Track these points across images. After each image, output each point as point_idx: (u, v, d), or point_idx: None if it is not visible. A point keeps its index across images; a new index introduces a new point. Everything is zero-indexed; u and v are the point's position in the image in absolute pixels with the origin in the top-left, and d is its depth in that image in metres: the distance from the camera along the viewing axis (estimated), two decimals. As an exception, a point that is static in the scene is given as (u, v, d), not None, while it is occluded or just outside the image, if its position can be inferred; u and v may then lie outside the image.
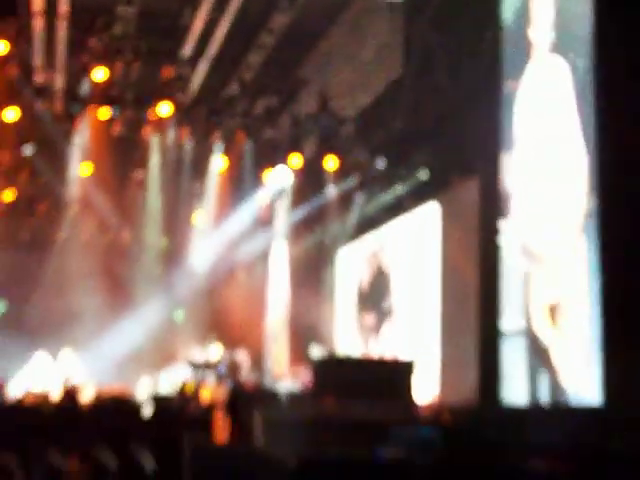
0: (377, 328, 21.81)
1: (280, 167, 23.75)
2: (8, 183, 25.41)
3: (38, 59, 20.89)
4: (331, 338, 23.16)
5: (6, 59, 19.24)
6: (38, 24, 19.59)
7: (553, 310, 13.34)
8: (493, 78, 15.64)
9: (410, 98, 20.00)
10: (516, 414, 14.46)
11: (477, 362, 16.72)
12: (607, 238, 12.33)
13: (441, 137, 18.98)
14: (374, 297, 22.08)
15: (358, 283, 23.28)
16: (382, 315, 21.53)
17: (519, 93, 14.59)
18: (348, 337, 23.02)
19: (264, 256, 26.86)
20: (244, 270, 27.26)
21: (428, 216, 19.72)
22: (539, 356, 13.66)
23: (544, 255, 13.62)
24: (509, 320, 14.64)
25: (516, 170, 14.64)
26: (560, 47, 13.56)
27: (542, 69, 14.00)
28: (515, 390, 14.42)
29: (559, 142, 13.39)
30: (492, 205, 15.63)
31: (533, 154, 14.17)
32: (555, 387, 13.23)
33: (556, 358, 13.19)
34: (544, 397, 13.54)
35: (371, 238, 22.75)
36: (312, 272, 24.75)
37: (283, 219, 25.22)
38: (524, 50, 14.64)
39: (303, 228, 25.04)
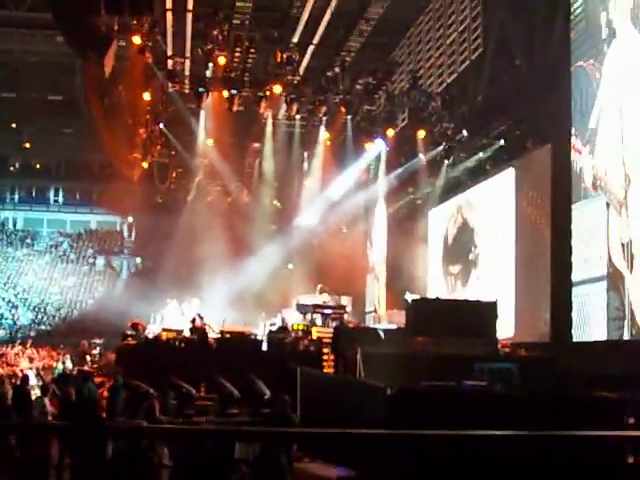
0: (463, 276, 21.79)
1: (377, 138, 23.82)
2: (144, 154, 25.88)
3: (169, 48, 21.25)
4: (423, 285, 23.16)
5: (141, 49, 19.56)
6: (169, 19, 19.93)
7: (626, 248, 13.23)
8: (564, 57, 15.47)
9: (489, 75, 19.90)
10: (586, 348, 14.40)
11: (550, 305, 16.67)
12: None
13: (517, 110, 18.86)
14: (460, 250, 22.03)
15: (445, 238, 23.24)
16: (468, 265, 21.49)
17: (604, 69, 14.28)
18: (438, 284, 23.00)
19: (365, 215, 26.95)
20: (347, 227, 27.39)
21: (506, 179, 19.61)
22: (616, 297, 13.53)
23: (620, 195, 13.47)
24: (582, 269, 14.57)
25: (591, 138, 14.46)
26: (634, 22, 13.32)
27: (621, 45, 13.75)
28: (589, 329, 14.36)
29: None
30: (563, 169, 15.54)
31: (608, 128, 13.98)
32: (631, 325, 13.14)
33: (633, 297, 13.09)
34: (619, 335, 13.44)
35: (457, 199, 22.69)
36: (407, 228, 24.80)
37: (381, 182, 25.27)
38: (595, 34, 14.39)
39: (398, 190, 25.07)
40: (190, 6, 19.21)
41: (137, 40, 19.27)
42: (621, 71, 13.76)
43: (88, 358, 26.01)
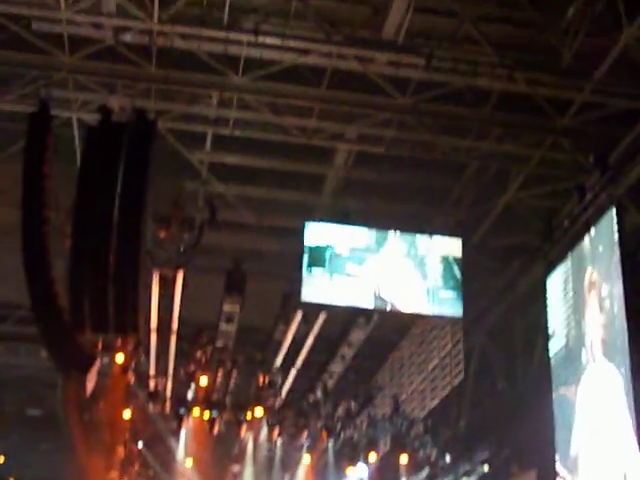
0: None
1: (359, 463, 23.32)
2: (122, 473, 25.17)
3: (152, 368, 21.14)
4: None
5: (124, 367, 19.51)
6: (153, 339, 19.94)
7: None
8: (545, 382, 15.37)
9: (471, 400, 19.78)
10: None
11: None
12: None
13: (500, 435, 18.57)
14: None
15: None
16: None
17: (578, 395, 14.19)
18: None
19: None
20: None
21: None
22: None
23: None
24: None
25: (574, 467, 14.10)
26: (607, 353, 13.34)
27: (596, 372, 13.72)
28: None
29: (615, 445, 12.91)
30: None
31: (592, 455, 13.67)
32: None
33: None
34: None
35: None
36: None
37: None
38: (574, 360, 14.41)
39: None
40: (174, 327, 19.28)
41: (120, 359, 19.22)
42: (594, 397, 13.68)
43: None
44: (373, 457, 22.89)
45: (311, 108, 15.78)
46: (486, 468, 19.64)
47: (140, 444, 23.55)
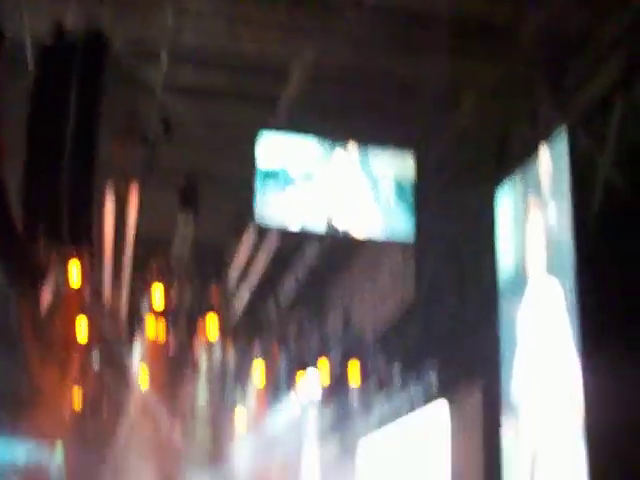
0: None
1: (310, 373, 23.71)
2: (77, 390, 25.33)
3: (106, 283, 21.20)
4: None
5: (79, 281, 19.50)
6: (107, 254, 19.96)
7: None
8: (493, 300, 15.64)
9: (421, 317, 20.05)
10: None
11: None
12: (596, 444, 12.15)
13: (449, 347, 18.90)
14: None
15: (377, 469, 22.72)
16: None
17: (520, 311, 14.50)
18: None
19: (297, 450, 26.44)
20: (279, 464, 26.81)
21: (437, 415, 19.44)
22: None
23: (546, 456, 13.28)
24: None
25: (518, 378, 14.43)
26: (552, 270, 13.61)
27: (539, 289, 14.01)
28: None
29: (555, 355, 13.25)
30: (493, 408, 15.40)
31: (534, 366, 13.99)
32: None
33: None
34: None
35: (388, 431, 22.39)
36: (338, 463, 24.20)
37: (312, 417, 24.96)
38: (521, 276, 14.66)
39: (330, 425, 24.73)
40: (129, 242, 19.30)
41: (75, 274, 19.22)
42: (538, 312, 14.00)
43: None
44: (324, 368, 23.30)
45: (267, 25, 15.63)
46: (434, 378, 20.05)
47: (95, 358, 23.76)
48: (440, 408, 19.35)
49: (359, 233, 17.51)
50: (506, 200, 15.52)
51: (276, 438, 25.45)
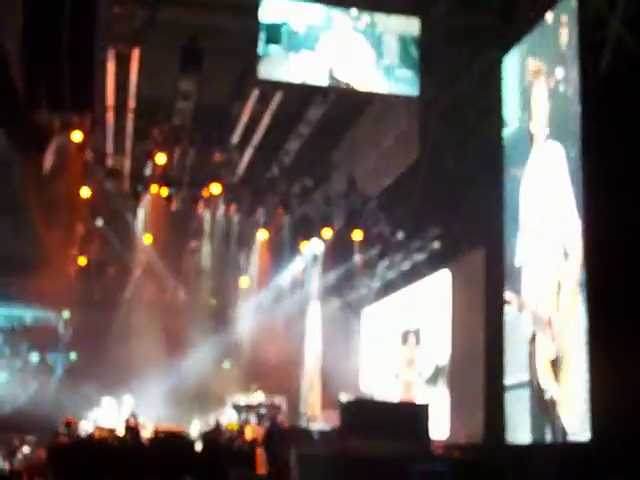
0: (399, 376, 21.65)
1: (313, 238, 23.84)
2: (82, 250, 25.66)
3: (109, 146, 21.17)
4: (358, 385, 22.97)
5: (82, 146, 19.53)
6: (110, 117, 19.87)
7: (554, 364, 13.17)
8: (496, 163, 15.60)
9: (425, 179, 20.03)
10: (518, 450, 14.24)
11: (483, 407, 16.53)
12: (595, 304, 12.33)
13: (452, 213, 18.95)
14: (396, 350, 21.95)
15: (379, 337, 23.13)
16: (405, 364, 21.38)
17: (524, 176, 14.49)
18: (373, 384, 22.81)
19: (301, 314, 26.80)
20: (283, 326, 27.20)
21: (442, 281, 19.64)
22: (541, 404, 13.45)
23: (546, 318, 13.45)
24: (513, 374, 14.46)
25: (522, 243, 14.52)
26: (556, 136, 13.55)
27: (542, 154, 13.97)
28: (518, 432, 14.21)
29: (557, 219, 13.31)
30: (496, 273, 15.51)
31: (536, 230, 14.06)
32: (555, 430, 13.02)
33: (556, 405, 13.00)
34: (545, 438, 13.32)
35: (391, 299, 22.66)
36: (341, 328, 24.58)
37: (316, 282, 25.21)
38: (526, 141, 14.58)
39: (334, 290, 24.99)
40: (131, 104, 19.17)
41: (77, 137, 19.21)
42: (541, 176, 13.98)
43: (19, 456, 25.31)
44: (327, 233, 23.44)
45: None
46: (437, 245, 20.18)
47: (99, 221, 23.91)
48: (443, 277, 19.59)
49: (362, 86, 17.45)
50: (512, 63, 15.35)
51: (280, 300, 25.82)
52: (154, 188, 21.89)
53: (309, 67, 17.03)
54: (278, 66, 16.92)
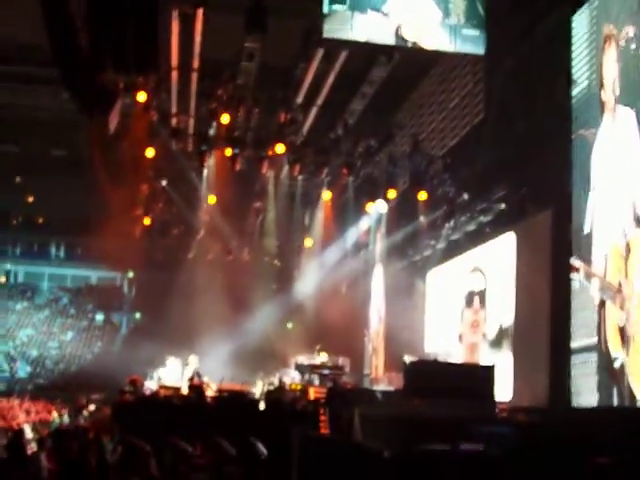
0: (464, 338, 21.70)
1: (378, 199, 23.87)
2: (147, 211, 26.02)
3: (174, 106, 21.40)
4: (421, 347, 23.04)
5: (146, 106, 19.78)
6: (174, 76, 20.08)
7: (622, 331, 13.15)
8: (564, 124, 15.48)
9: (490, 140, 19.95)
10: (583, 414, 14.27)
11: (548, 371, 16.55)
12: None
13: (518, 174, 18.86)
14: (460, 312, 21.98)
15: (445, 300, 23.15)
16: (469, 326, 21.42)
17: (596, 139, 14.35)
18: (437, 346, 22.86)
19: (364, 276, 26.93)
20: (347, 288, 27.38)
21: (507, 244, 19.59)
22: (609, 369, 13.45)
23: (615, 284, 13.39)
24: (579, 338, 14.46)
25: (591, 208, 14.42)
26: (627, 100, 13.41)
27: (613, 119, 13.84)
28: (583, 396, 14.23)
29: (628, 184, 13.20)
30: (563, 237, 15.44)
31: (606, 195, 13.95)
32: (622, 395, 13.04)
33: (625, 371, 12.99)
34: (612, 403, 13.34)
35: (456, 262, 22.64)
36: (406, 290, 24.64)
37: (380, 244, 25.29)
38: (595, 103, 14.43)
39: (398, 252, 25.03)
40: (195, 65, 19.36)
41: (142, 97, 19.44)
42: (612, 141, 13.84)
43: (85, 413, 25.88)
44: (392, 194, 23.45)
45: None
46: (502, 206, 20.10)
47: (164, 182, 24.22)
48: (508, 240, 19.54)
49: (428, 45, 17.45)
50: (581, 23, 15.16)
51: (344, 261, 25.94)
52: (218, 148, 22.08)
53: (375, 26, 17.05)
54: (343, 25, 16.97)
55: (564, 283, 15.11)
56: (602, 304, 13.76)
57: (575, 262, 14.65)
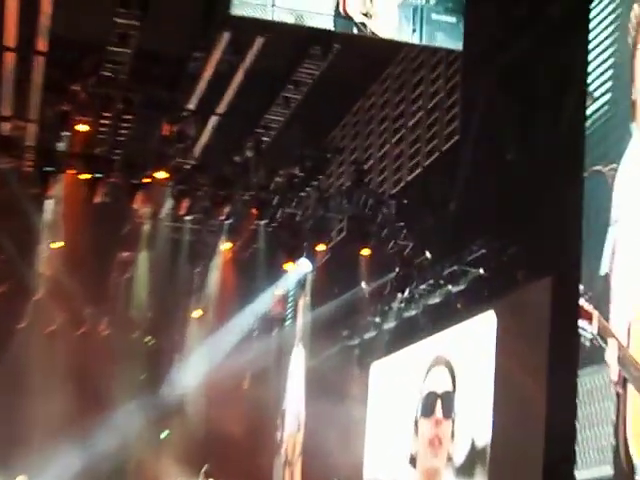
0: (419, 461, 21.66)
1: (301, 255, 23.79)
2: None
3: (7, 104, 21.08)
4: (359, 471, 22.91)
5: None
6: (9, 61, 19.77)
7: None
8: (575, 156, 15.47)
9: (466, 173, 19.97)
10: None
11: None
12: None
13: (504, 226, 18.86)
14: (420, 421, 21.95)
15: (396, 403, 23.12)
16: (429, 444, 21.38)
17: (621, 165, 14.28)
18: (380, 470, 22.78)
19: (276, 366, 26.83)
20: (250, 380, 27.23)
21: (484, 325, 19.56)
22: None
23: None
24: (589, 464, 14.33)
25: (610, 243, 14.31)
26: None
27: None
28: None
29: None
30: (569, 312, 15.33)
31: (635, 229, 13.88)
32: None
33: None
34: None
35: (413, 350, 22.58)
36: (337, 387, 24.48)
37: (303, 319, 25.22)
38: (619, 126, 14.40)
39: (327, 332, 24.91)
40: (41, 46, 19.13)
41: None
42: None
43: None
44: (322, 248, 23.38)
45: None
46: (481, 271, 20.08)
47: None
48: (486, 320, 19.50)
49: (381, 30, 17.45)
50: (603, 11, 15.28)
51: (247, 342, 25.93)
52: (70, 171, 21.77)
53: (304, 2, 17.02)
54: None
55: (566, 378, 15.04)
56: (623, 384, 13.62)
57: (586, 305, 14.53)
